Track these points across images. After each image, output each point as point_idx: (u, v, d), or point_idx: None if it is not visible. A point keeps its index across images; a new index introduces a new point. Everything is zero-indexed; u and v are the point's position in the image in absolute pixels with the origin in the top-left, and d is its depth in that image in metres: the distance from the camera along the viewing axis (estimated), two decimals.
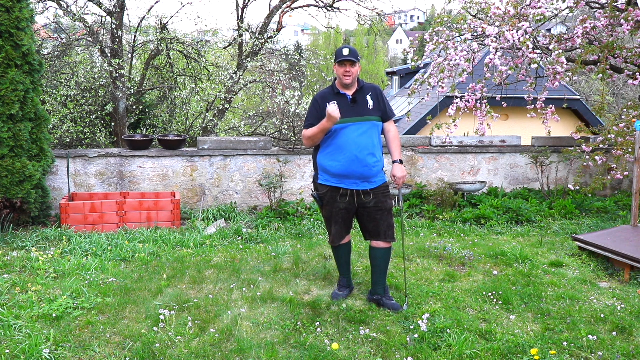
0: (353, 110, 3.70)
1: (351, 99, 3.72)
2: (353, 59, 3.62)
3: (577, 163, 7.57)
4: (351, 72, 3.65)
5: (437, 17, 7.30)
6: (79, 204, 5.83)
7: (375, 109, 3.76)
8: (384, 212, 3.81)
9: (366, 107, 3.73)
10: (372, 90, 3.81)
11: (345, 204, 3.80)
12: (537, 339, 3.39)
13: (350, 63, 3.63)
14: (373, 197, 3.78)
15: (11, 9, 5.16)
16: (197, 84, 9.41)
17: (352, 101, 3.71)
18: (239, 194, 6.93)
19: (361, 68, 3.79)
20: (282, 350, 3.25)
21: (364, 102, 3.73)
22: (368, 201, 3.77)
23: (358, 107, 3.71)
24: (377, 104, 3.77)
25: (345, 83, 3.69)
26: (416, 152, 7.35)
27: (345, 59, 3.61)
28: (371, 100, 3.75)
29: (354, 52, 3.66)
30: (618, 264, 4.79)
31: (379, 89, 3.87)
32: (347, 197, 3.77)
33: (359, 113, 3.70)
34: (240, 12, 10.77)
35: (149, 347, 3.22)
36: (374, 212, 3.80)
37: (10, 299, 3.86)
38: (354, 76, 3.68)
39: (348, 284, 4.13)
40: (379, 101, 3.79)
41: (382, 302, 3.90)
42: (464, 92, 7.12)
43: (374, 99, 3.77)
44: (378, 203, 3.79)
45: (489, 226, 6.19)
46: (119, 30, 8.90)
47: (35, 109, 5.54)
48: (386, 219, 3.84)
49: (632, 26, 5.94)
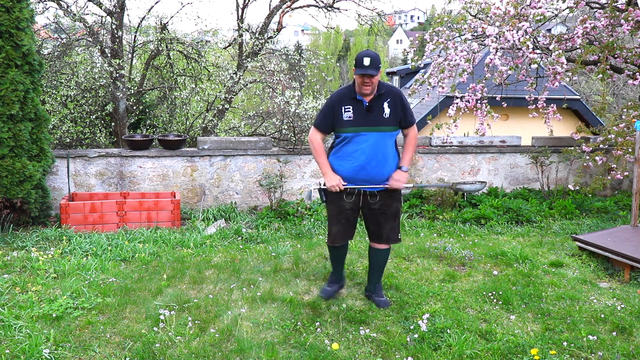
0: (367, 119, 3.57)
1: (367, 106, 3.58)
2: (373, 73, 3.42)
3: (577, 163, 7.57)
4: (370, 83, 3.49)
5: (437, 17, 7.30)
6: (79, 204, 5.83)
7: (392, 118, 3.60)
8: (387, 216, 3.77)
9: (381, 116, 3.58)
10: (391, 96, 3.62)
11: (350, 204, 3.74)
12: (537, 339, 3.39)
13: (369, 76, 3.45)
14: (379, 199, 3.73)
15: (11, 9, 5.16)
16: (197, 84, 9.40)
17: (367, 109, 3.58)
18: (239, 194, 6.93)
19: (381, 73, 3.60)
20: (282, 350, 3.25)
21: (380, 111, 3.58)
22: (373, 202, 3.73)
23: (372, 116, 3.57)
24: (395, 111, 3.61)
25: (363, 92, 3.53)
26: (416, 152, 7.35)
27: (364, 72, 3.43)
28: (388, 108, 3.59)
29: (375, 62, 3.44)
30: (618, 264, 4.79)
31: (399, 94, 3.65)
32: (352, 197, 3.72)
33: (372, 122, 3.56)
34: (240, 12, 10.77)
35: (149, 347, 3.22)
36: (378, 214, 3.77)
37: (10, 299, 3.86)
38: (373, 86, 3.51)
39: (337, 280, 4.10)
40: (397, 108, 3.62)
41: (371, 298, 3.96)
42: (464, 92, 7.12)
43: (391, 106, 3.60)
44: (383, 206, 3.74)
45: (489, 226, 6.19)
46: (119, 30, 8.90)
47: (35, 109, 5.54)
48: (389, 223, 3.78)
49: (632, 26, 5.94)
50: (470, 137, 7.62)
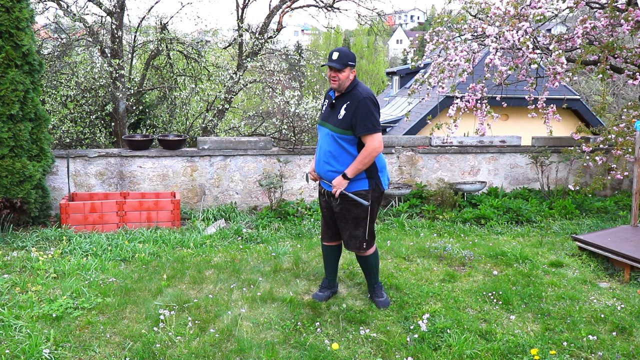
0: (327, 114, 3.73)
1: (331, 103, 3.71)
2: (336, 66, 3.50)
3: (577, 163, 7.57)
4: (337, 77, 3.56)
5: (437, 17, 7.30)
6: (79, 204, 5.83)
7: (343, 121, 3.55)
8: (347, 221, 3.72)
9: (335, 116, 3.62)
10: (351, 99, 3.56)
11: (323, 202, 3.88)
12: (537, 339, 3.39)
13: (333, 70, 3.54)
14: (340, 201, 3.70)
15: (11, 9, 5.16)
16: (197, 84, 9.40)
17: (330, 105, 3.71)
18: (239, 194, 6.93)
19: (355, 72, 3.63)
20: (282, 350, 3.25)
21: (337, 110, 3.62)
22: (335, 204, 3.76)
23: (332, 113, 3.68)
24: (348, 115, 3.54)
25: (331, 86, 3.66)
26: (416, 152, 7.35)
27: (328, 64, 3.54)
28: (344, 111, 3.57)
29: (342, 58, 3.51)
30: (618, 264, 4.79)
31: (362, 101, 3.52)
32: (324, 196, 3.84)
33: (326, 118, 3.71)
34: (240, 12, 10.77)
35: (149, 347, 3.22)
36: (339, 217, 3.78)
37: (10, 299, 3.86)
38: (340, 81, 3.57)
39: (330, 285, 4.08)
40: (351, 113, 3.53)
41: (371, 298, 4.00)
42: (464, 92, 7.13)
43: (347, 109, 3.56)
44: (342, 210, 3.71)
45: (489, 226, 6.20)
46: (119, 30, 8.90)
47: (35, 109, 5.54)
48: (348, 229, 3.73)
49: (632, 26, 5.94)
50: (470, 137, 7.62)
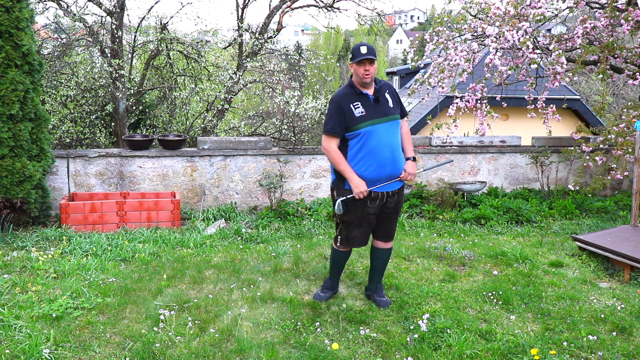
0: (377, 110, 3.58)
1: (373, 98, 3.61)
2: (372, 57, 3.50)
3: (577, 163, 7.57)
4: (370, 71, 3.52)
5: (437, 17, 7.30)
6: (79, 204, 5.82)
7: (395, 107, 3.68)
8: (398, 212, 3.88)
9: (388, 106, 3.63)
10: (388, 88, 3.72)
11: (374, 208, 3.69)
12: (537, 339, 3.39)
13: (369, 61, 3.50)
14: (396, 197, 3.77)
15: (11, 8, 5.15)
16: (197, 84, 9.40)
17: (374, 101, 3.60)
18: (239, 194, 6.93)
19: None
20: (282, 350, 3.25)
21: (385, 101, 3.63)
22: (391, 202, 3.75)
23: (381, 107, 3.61)
24: (395, 100, 3.70)
25: (364, 82, 3.55)
26: (416, 152, 7.35)
27: (364, 57, 3.48)
28: (390, 98, 3.67)
29: (372, 50, 3.53)
30: (618, 264, 4.79)
31: (392, 85, 3.81)
32: (377, 201, 3.67)
33: (384, 113, 3.59)
34: (240, 12, 10.77)
35: (149, 347, 3.22)
36: (392, 212, 3.81)
37: (10, 299, 3.86)
38: (372, 74, 3.55)
39: (332, 287, 4.08)
40: (396, 98, 3.72)
41: (372, 298, 3.98)
42: (464, 92, 7.12)
43: (391, 96, 3.69)
44: (397, 204, 3.80)
45: (489, 226, 6.19)
46: (119, 30, 8.90)
47: (35, 109, 5.54)
48: (397, 220, 3.91)
49: (632, 26, 5.94)
50: (470, 137, 7.62)
